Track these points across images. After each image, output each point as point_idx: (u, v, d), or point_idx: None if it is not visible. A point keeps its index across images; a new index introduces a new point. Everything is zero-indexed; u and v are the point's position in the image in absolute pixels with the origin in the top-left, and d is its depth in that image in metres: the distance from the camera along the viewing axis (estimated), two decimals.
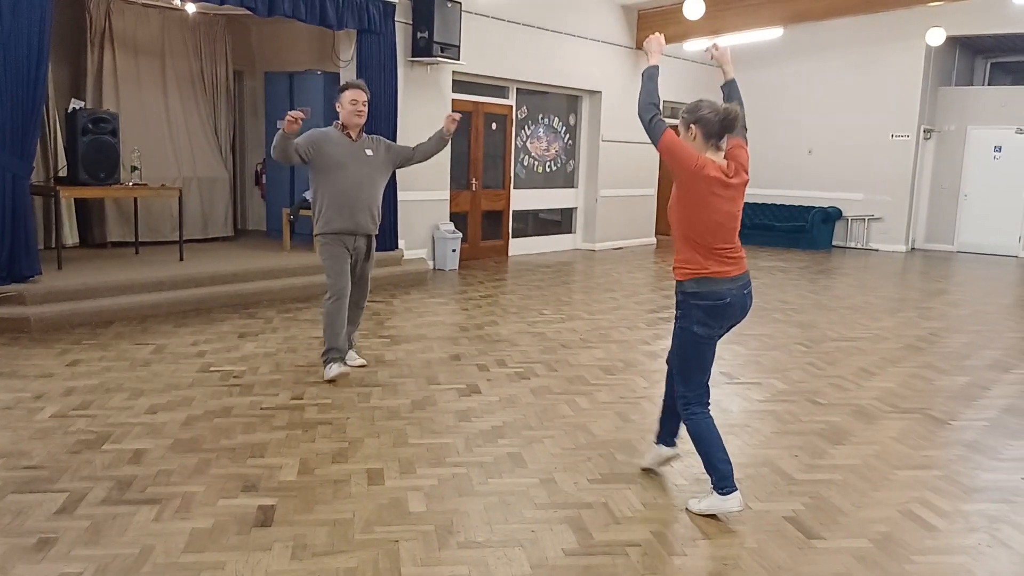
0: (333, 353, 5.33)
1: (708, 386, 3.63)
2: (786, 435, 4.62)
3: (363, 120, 5.32)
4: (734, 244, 3.52)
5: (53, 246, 7.86)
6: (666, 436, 3.92)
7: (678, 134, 3.54)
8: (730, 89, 3.85)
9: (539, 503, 3.58)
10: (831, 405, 5.24)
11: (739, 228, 3.55)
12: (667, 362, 3.82)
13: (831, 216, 14.70)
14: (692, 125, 3.50)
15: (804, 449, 4.39)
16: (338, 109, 5.33)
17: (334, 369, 5.29)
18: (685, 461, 4.13)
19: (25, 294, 6.57)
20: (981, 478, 4.07)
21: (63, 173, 8.44)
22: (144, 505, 3.41)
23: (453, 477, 3.84)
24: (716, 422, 3.66)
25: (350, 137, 5.30)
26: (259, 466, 3.89)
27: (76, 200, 8.98)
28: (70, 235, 9.04)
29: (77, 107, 8.10)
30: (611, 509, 3.54)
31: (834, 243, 14.97)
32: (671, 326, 7.29)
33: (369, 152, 5.37)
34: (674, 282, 3.62)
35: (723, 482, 3.49)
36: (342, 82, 5.72)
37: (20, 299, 6.54)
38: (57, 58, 8.88)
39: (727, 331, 3.64)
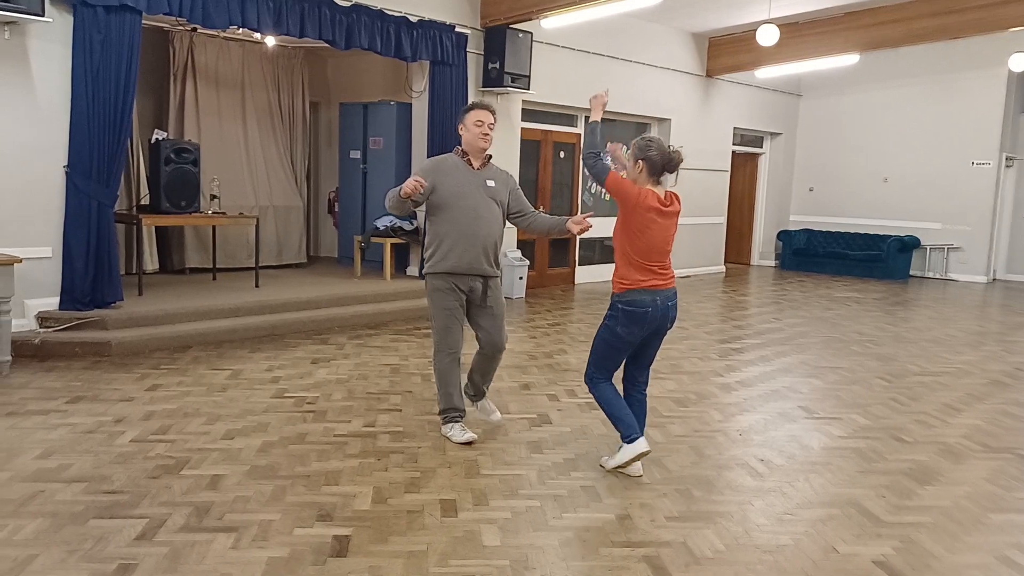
0: (452, 413, 4.80)
1: (612, 373, 4.28)
2: (871, 474, 4.45)
3: (488, 145, 4.73)
4: (666, 263, 4.12)
5: (134, 272, 8.10)
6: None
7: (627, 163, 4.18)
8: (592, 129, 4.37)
9: (616, 540, 3.50)
10: (916, 443, 5.03)
11: (671, 250, 4.17)
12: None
13: (908, 245, 14.28)
14: (640, 160, 4.06)
15: (891, 489, 4.22)
16: (461, 132, 4.74)
17: (457, 434, 4.74)
18: (766, 499, 4.01)
19: (107, 319, 6.77)
20: None
21: (145, 201, 8.72)
22: (221, 533, 3.44)
23: (527, 510, 3.78)
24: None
25: (471, 165, 4.73)
26: (334, 494, 3.90)
27: (156, 227, 9.25)
28: (150, 261, 9.31)
29: (160, 138, 8.37)
30: (691, 548, 3.44)
31: (911, 273, 14.53)
32: (744, 357, 7.23)
33: (491, 183, 4.75)
34: (613, 293, 4.16)
35: (629, 431, 4.13)
36: (467, 103, 4.84)
37: (102, 324, 6.74)
38: (142, 90, 9.20)
39: (649, 336, 4.19)
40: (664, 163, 4.04)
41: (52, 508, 3.64)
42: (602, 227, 12.42)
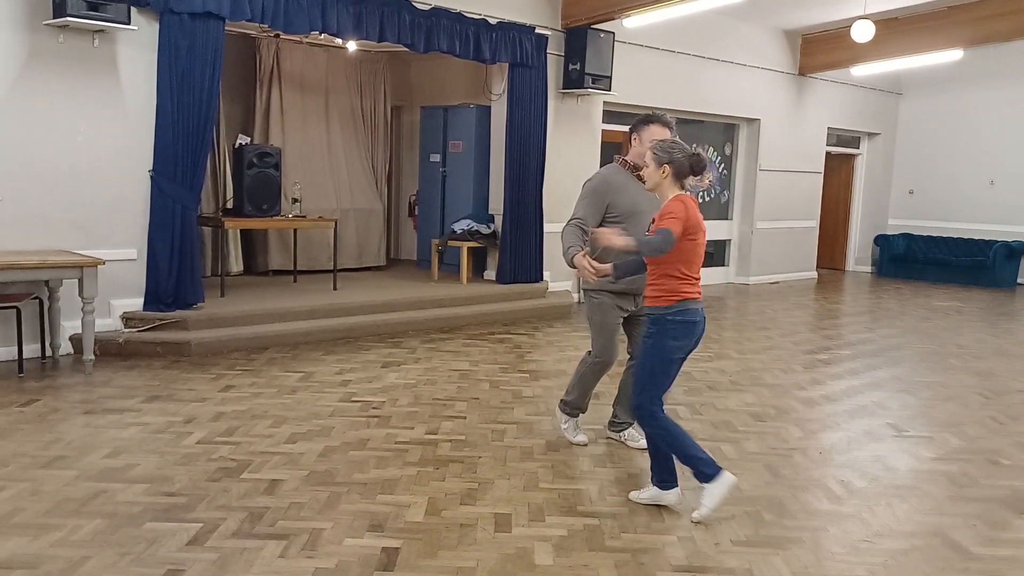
0: (574, 410, 4.83)
1: (663, 398, 3.90)
2: (962, 501, 4.12)
3: None
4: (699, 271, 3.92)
5: (219, 274, 8.26)
6: (664, 479, 3.94)
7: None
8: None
9: (676, 564, 3.32)
10: (1015, 467, 4.65)
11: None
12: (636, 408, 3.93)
13: (1016, 251, 13.42)
14: (665, 165, 3.81)
15: (983, 519, 3.89)
16: (634, 144, 4.51)
17: (572, 431, 4.81)
18: (843, 526, 3.75)
19: (188, 320, 6.92)
20: None
21: (230, 205, 8.91)
22: (272, 540, 3.41)
23: (584, 528, 3.63)
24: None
25: (641, 180, 4.30)
26: (388, 503, 3.83)
27: (242, 230, 9.44)
28: (235, 263, 9.51)
29: (244, 142, 8.53)
30: None
31: (1019, 281, 13.67)
32: (831, 370, 6.88)
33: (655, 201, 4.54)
34: (660, 307, 3.80)
35: (710, 467, 3.76)
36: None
37: (184, 324, 6.89)
38: (230, 96, 9.44)
39: (690, 351, 3.90)
40: (692, 165, 3.81)
41: (112, 509, 3.68)
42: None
